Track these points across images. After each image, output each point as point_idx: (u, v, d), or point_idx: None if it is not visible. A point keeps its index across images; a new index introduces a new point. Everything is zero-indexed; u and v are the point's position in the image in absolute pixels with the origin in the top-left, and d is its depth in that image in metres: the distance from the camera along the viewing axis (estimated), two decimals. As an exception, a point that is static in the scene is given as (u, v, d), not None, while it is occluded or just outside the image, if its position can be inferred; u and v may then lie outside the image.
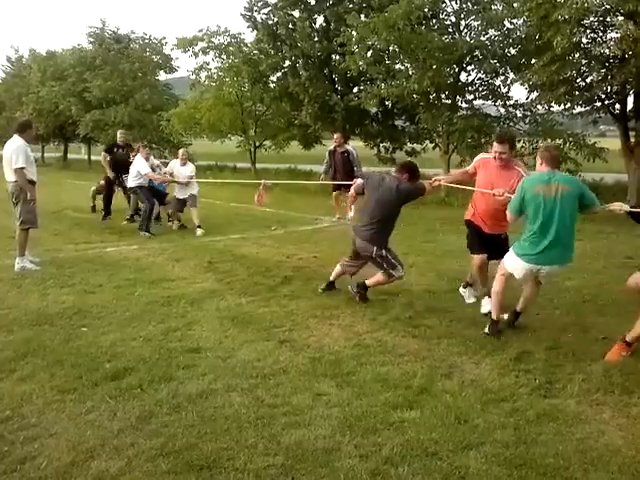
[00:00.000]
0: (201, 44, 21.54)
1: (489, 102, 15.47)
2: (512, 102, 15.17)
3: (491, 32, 14.41)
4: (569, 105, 13.24)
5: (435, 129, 15.69)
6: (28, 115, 27.06)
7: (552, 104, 13.56)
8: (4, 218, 9.58)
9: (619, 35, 10.71)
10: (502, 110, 15.38)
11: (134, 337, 4.82)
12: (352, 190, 6.51)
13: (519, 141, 14.65)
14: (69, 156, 35.57)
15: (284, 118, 20.80)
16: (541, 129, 14.04)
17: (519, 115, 15.16)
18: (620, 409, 3.55)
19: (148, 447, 3.14)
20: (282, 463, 2.99)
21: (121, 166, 11.19)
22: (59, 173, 24.84)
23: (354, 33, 14.93)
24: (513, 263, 4.79)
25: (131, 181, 10.16)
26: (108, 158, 11.45)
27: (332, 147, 11.38)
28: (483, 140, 14.77)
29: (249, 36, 46.36)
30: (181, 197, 10.32)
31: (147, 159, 10.24)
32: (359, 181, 6.16)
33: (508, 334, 4.85)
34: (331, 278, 6.24)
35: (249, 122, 22.29)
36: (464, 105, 15.62)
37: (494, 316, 4.90)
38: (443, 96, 15.44)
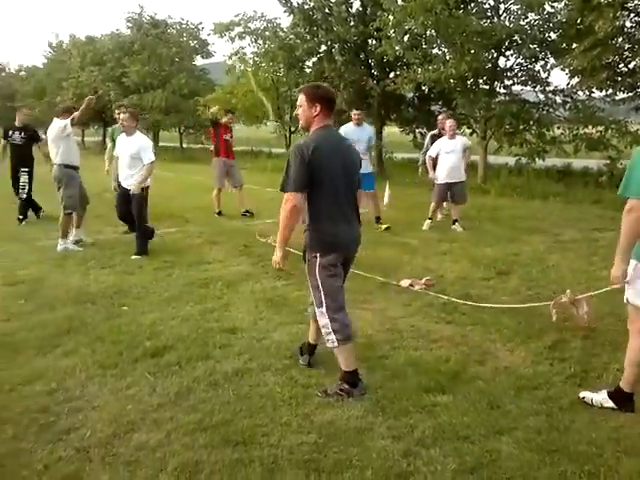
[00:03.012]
0: (237, 29, 21.69)
1: (528, 88, 15.17)
2: (552, 88, 14.84)
3: (531, 16, 14.07)
4: (611, 91, 12.94)
5: (472, 115, 15.48)
6: (68, 100, 27.62)
7: (593, 90, 13.27)
8: (48, 202, 9.85)
9: (665, 19, 10.41)
10: (541, 96, 15.05)
11: (173, 317, 4.95)
12: None
13: (558, 128, 14.40)
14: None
15: (319, 103, 20.75)
16: (581, 115, 13.73)
17: (559, 101, 14.82)
18: (656, 399, 3.50)
19: (186, 422, 3.24)
20: (315, 441, 3.05)
21: (18, 155, 9.51)
22: (99, 157, 25.21)
23: (390, 17, 14.76)
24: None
25: None
26: (2, 143, 9.67)
27: (436, 131, 9.75)
28: (521, 127, 14.55)
29: (285, 21, 46.05)
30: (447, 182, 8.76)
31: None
32: None
33: (544, 323, 4.77)
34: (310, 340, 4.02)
35: (284, 107, 22.33)
36: (502, 90, 15.37)
37: None
38: (481, 81, 15.20)
